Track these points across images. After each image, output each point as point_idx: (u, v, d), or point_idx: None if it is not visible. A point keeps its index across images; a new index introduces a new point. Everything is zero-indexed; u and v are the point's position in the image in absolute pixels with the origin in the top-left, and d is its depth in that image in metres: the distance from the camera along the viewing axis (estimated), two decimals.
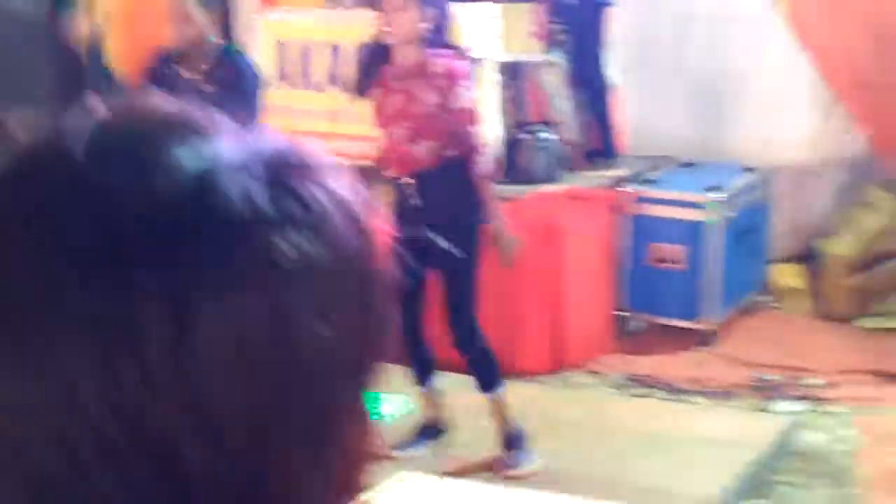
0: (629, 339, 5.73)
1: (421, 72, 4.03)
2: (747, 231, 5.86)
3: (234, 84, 4.36)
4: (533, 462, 4.18)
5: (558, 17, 6.15)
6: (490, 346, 4.22)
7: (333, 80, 5.85)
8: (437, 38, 4.08)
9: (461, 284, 4.10)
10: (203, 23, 4.41)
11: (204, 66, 4.41)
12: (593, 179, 5.82)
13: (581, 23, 5.95)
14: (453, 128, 4.01)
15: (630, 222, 5.73)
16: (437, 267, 4.00)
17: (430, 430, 4.36)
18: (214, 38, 4.49)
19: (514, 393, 4.89)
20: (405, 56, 4.05)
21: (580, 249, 5.46)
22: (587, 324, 5.49)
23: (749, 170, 6.06)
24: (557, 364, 5.33)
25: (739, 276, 5.78)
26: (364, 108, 5.62)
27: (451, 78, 4.02)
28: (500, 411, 4.22)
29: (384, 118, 4.15)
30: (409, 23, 3.98)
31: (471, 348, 4.16)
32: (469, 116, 4.07)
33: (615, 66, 6.24)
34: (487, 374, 4.20)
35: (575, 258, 5.41)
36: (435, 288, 4.13)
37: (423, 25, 4.00)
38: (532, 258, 5.09)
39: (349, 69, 5.50)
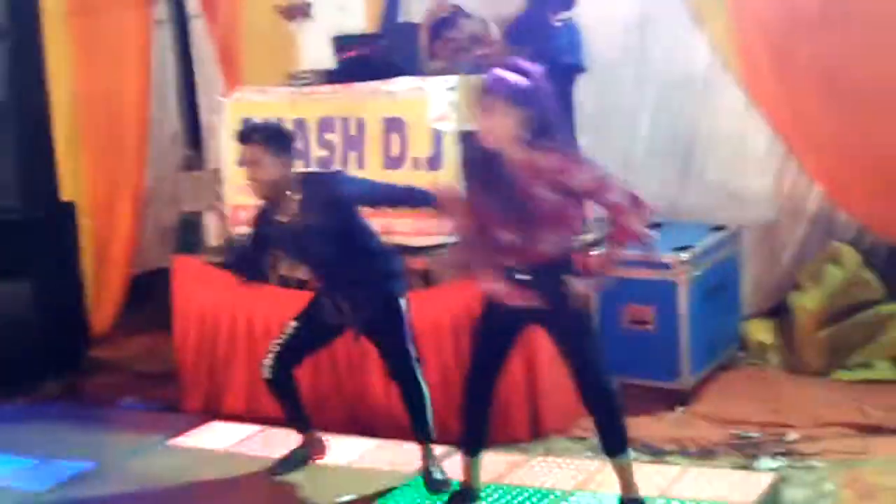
0: None
1: (530, 169, 3.80)
2: (718, 288, 5.88)
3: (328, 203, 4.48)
4: None
5: None
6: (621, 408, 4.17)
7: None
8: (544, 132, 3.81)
9: (583, 341, 4.08)
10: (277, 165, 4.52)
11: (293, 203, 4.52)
12: None
13: None
14: (578, 213, 3.87)
15: None
16: (555, 332, 4.09)
17: (462, 496, 4.37)
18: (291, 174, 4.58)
19: (497, 461, 4.87)
20: (510, 155, 3.83)
21: None
22: (564, 388, 5.43)
23: (718, 228, 6.10)
24: (537, 430, 5.30)
25: (713, 334, 5.80)
26: None
27: (564, 170, 3.77)
28: (625, 477, 4.18)
29: (492, 216, 3.88)
30: (506, 128, 3.79)
31: (603, 410, 4.15)
32: (593, 192, 3.82)
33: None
34: (618, 436, 4.17)
35: None
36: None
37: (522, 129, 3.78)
38: None
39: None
